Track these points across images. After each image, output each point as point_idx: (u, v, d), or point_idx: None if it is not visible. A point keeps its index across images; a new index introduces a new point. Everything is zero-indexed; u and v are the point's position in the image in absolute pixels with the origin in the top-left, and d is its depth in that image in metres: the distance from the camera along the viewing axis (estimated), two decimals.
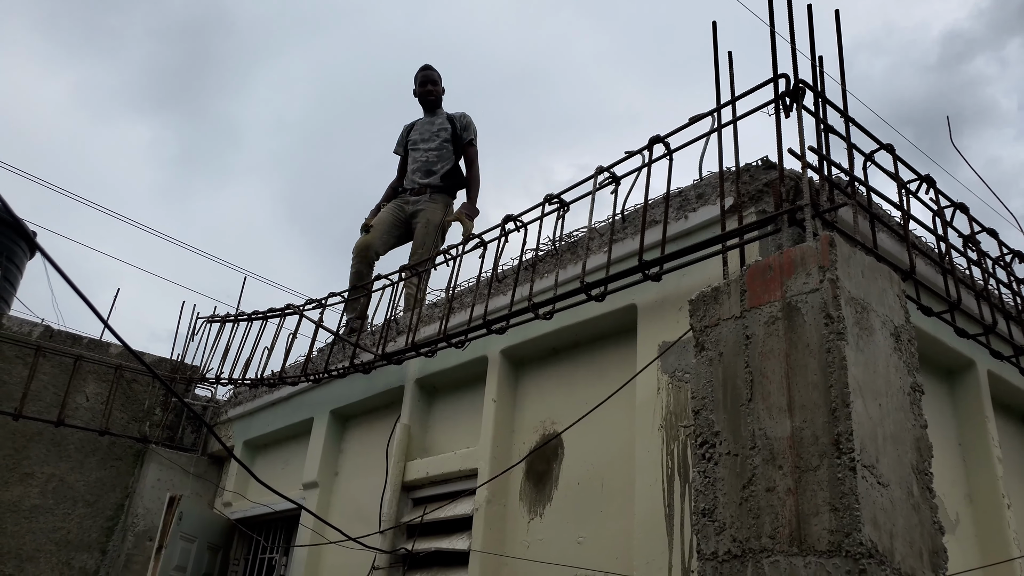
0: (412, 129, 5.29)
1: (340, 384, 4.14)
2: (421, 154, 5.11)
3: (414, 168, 5.11)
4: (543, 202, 2.91)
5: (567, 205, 2.88)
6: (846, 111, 2.29)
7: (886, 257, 2.19)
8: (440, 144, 5.11)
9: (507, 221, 3.05)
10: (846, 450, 1.58)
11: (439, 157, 5.09)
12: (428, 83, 5.23)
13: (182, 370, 5.62)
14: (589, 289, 2.53)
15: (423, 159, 5.09)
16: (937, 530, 1.72)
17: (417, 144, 5.17)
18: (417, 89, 5.28)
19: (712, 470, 1.83)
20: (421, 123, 5.28)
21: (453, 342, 3.13)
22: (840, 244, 1.76)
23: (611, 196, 2.72)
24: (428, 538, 3.26)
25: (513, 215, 3.05)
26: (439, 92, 5.28)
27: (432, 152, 5.09)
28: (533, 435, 3.02)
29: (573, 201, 2.87)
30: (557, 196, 2.87)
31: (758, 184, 2.33)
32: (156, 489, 5.05)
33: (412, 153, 5.17)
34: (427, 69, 5.27)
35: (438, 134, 5.15)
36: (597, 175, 2.71)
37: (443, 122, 5.19)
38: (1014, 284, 2.97)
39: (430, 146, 5.11)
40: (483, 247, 3.16)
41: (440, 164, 5.07)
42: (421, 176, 5.06)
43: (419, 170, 5.08)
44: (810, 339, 1.71)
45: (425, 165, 5.07)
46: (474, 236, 3.20)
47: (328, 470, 4.12)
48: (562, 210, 2.89)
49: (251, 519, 4.66)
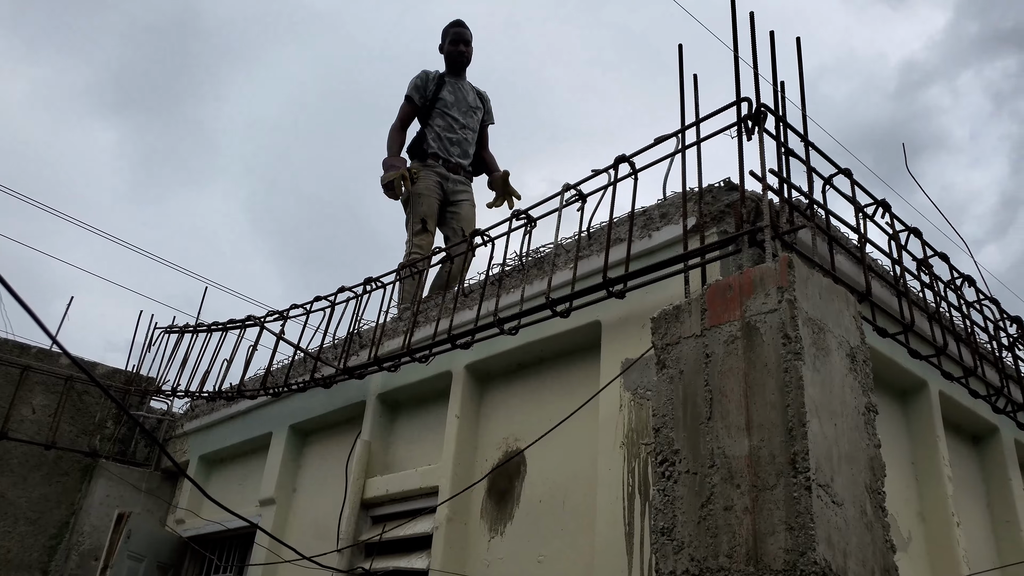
0: (443, 86, 4.76)
1: (300, 398, 4.08)
2: (459, 127, 4.70)
3: (450, 139, 4.66)
4: (510, 217, 2.92)
5: (534, 221, 2.89)
6: (806, 135, 2.34)
7: (843, 279, 2.23)
8: (476, 123, 4.81)
9: (474, 236, 3.05)
10: (802, 469, 1.60)
11: (474, 139, 4.79)
12: (461, 42, 4.79)
13: (137, 382, 5.48)
14: (554, 305, 2.54)
15: (461, 136, 4.70)
16: (889, 548, 1.75)
17: (450, 109, 4.71)
18: (447, 46, 4.81)
19: (671, 488, 1.83)
20: (452, 84, 4.79)
21: (417, 356, 3.10)
22: (798, 265, 1.80)
23: (577, 213, 2.74)
24: (387, 557, 3.21)
25: (480, 229, 3.05)
26: (470, 54, 4.84)
27: (469, 132, 4.76)
28: (496, 452, 3.00)
29: (540, 217, 2.88)
30: (524, 212, 2.88)
31: (720, 205, 2.37)
32: (104, 506, 4.90)
33: (444, 116, 4.69)
34: (460, 26, 4.82)
35: (475, 111, 4.82)
36: (564, 192, 2.73)
37: (475, 98, 4.85)
38: (964, 307, 3.05)
39: (467, 122, 4.75)
40: (449, 261, 3.15)
41: (472, 147, 4.78)
42: (460, 155, 4.68)
43: (457, 145, 4.68)
44: (768, 359, 1.73)
45: (464, 144, 4.71)
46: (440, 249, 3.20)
47: (286, 486, 4.04)
48: (529, 226, 2.90)
49: (205, 537, 4.54)
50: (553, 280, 2.68)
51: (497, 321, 2.71)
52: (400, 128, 4.68)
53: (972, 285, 3.12)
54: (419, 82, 4.74)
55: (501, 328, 2.71)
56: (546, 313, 2.58)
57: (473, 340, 2.87)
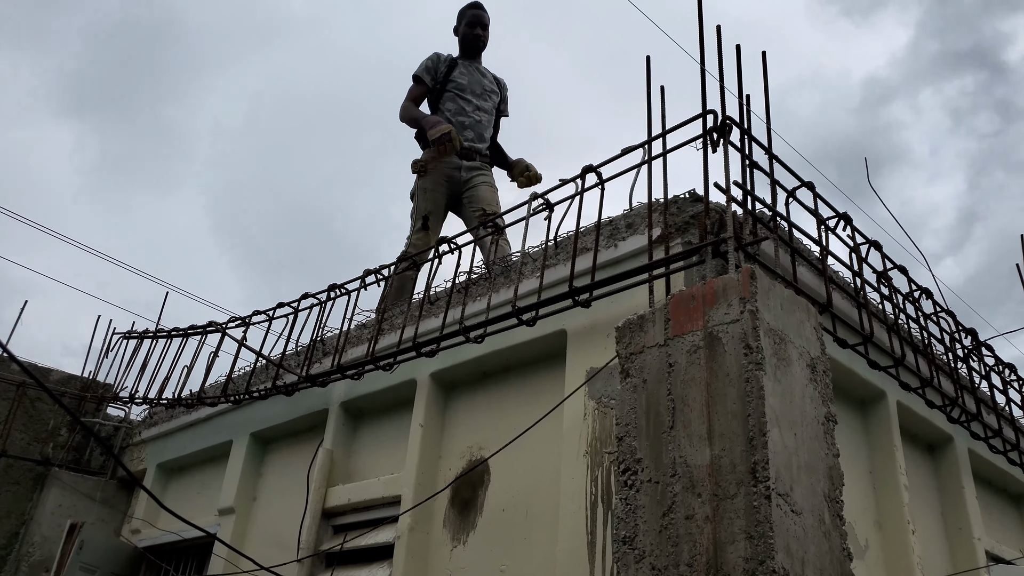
0: (455, 67, 4.51)
1: (261, 406, 4.01)
2: (473, 110, 4.44)
3: (463, 122, 4.38)
4: (478, 226, 2.92)
5: (501, 230, 2.88)
6: (770, 148, 2.37)
7: (805, 290, 2.27)
8: (491, 107, 4.54)
9: (441, 243, 3.04)
10: (762, 478, 1.61)
11: (489, 123, 4.51)
12: (479, 25, 4.55)
13: (93, 388, 5.35)
14: (520, 314, 2.54)
15: (476, 118, 4.43)
16: (846, 556, 1.77)
17: (465, 92, 4.45)
18: (463, 28, 4.57)
19: (633, 497, 1.84)
20: (466, 67, 4.54)
21: (381, 365, 3.07)
22: (761, 277, 1.82)
23: (545, 222, 2.74)
24: (348, 567, 3.17)
25: (448, 237, 3.04)
26: (487, 39, 4.59)
27: (484, 114, 4.48)
28: (460, 461, 2.98)
29: (508, 226, 2.88)
30: (491, 220, 2.87)
31: (685, 216, 2.39)
32: (56, 516, 4.75)
33: (457, 99, 4.43)
34: (478, 8, 4.57)
35: (490, 95, 4.55)
36: (531, 201, 2.73)
37: (491, 82, 4.60)
38: (922, 319, 3.12)
39: (483, 105, 4.49)
40: (416, 268, 3.13)
41: (488, 131, 4.50)
42: (474, 139, 4.40)
43: (470, 129, 4.39)
44: (730, 368, 1.74)
45: (478, 127, 4.42)
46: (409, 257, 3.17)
47: (246, 495, 3.97)
48: (496, 235, 2.89)
49: (161, 547, 4.43)
50: (520, 289, 2.67)
51: (463, 329, 2.70)
52: (413, 104, 4.40)
53: (930, 297, 3.19)
54: (429, 63, 4.49)
55: (467, 336, 2.70)
56: (512, 321, 2.57)
57: (439, 348, 2.86)
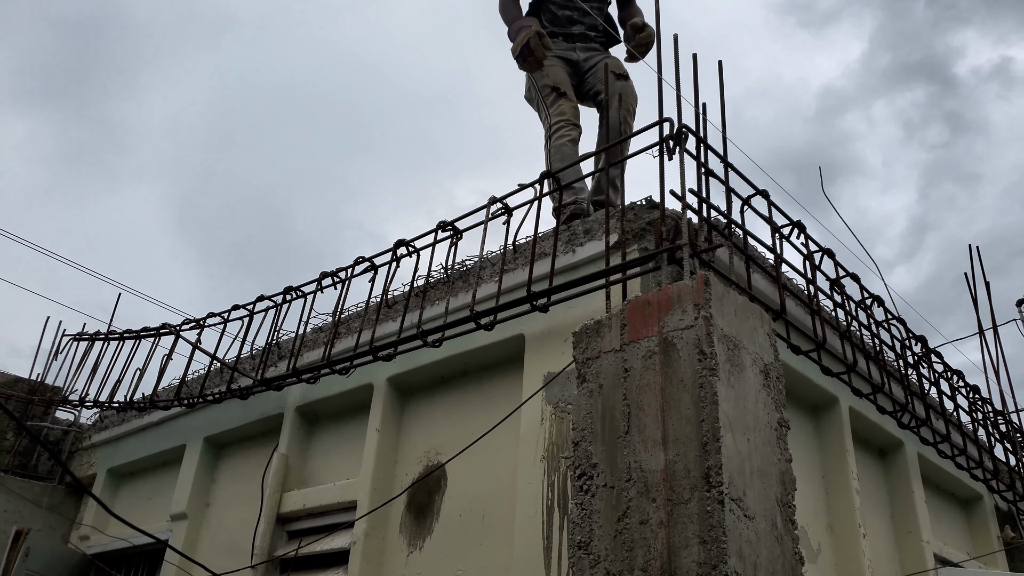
0: None
1: (215, 410, 3.94)
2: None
3: (568, 16, 3.95)
4: (436, 229, 2.90)
5: (460, 233, 2.87)
6: (726, 156, 2.40)
7: (759, 297, 2.29)
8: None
9: (399, 246, 3.01)
10: (715, 483, 1.62)
11: (605, 5, 4.04)
12: None
13: (41, 391, 5.20)
14: (479, 318, 2.52)
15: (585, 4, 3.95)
16: (798, 560, 1.79)
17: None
18: None
19: (589, 502, 1.84)
20: None
21: (337, 369, 3.04)
22: (715, 283, 1.83)
23: (503, 227, 2.74)
24: (303, 573, 3.12)
25: (405, 240, 3.01)
26: None
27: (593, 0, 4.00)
28: (416, 466, 2.96)
29: (466, 229, 2.87)
30: (450, 223, 2.86)
31: (642, 223, 2.40)
32: (2, 522, 4.59)
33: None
34: None
35: None
36: (490, 205, 2.72)
37: None
38: (873, 326, 3.18)
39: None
40: (373, 271, 3.10)
41: (604, 13, 4.02)
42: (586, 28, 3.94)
43: (579, 23, 3.95)
44: (684, 374, 1.75)
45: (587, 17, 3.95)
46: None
47: (199, 500, 3.89)
48: (455, 238, 2.88)
49: (111, 554, 4.32)
50: (478, 293, 2.66)
51: (421, 333, 2.68)
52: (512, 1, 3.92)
53: (881, 305, 3.26)
54: None
55: (425, 340, 2.68)
56: (470, 325, 2.56)
57: (396, 352, 2.83)
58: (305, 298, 3.39)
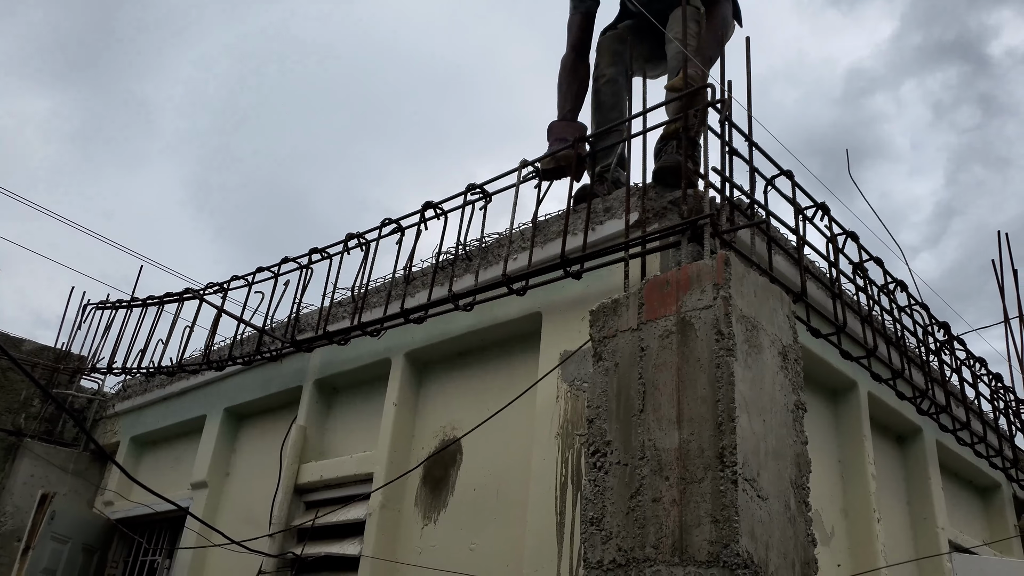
0: None
1: (235, 381, 3.99)
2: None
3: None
4: (465, 191, 2.88)
5: (489, 196, 2.87)
6: (751, 135, 2.37)
7: (779, 279, 2.27)
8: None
9: (427, 207, 2.99)
10: (729, 463, 1.62)
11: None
12: None
13: (67, 360, 5.29)
14: (511, 283, 2.53)
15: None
16: (810, 542, 1.79)
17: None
18: None
19: (602, 479, 1.84)
20: None
21: (369, 331, 3.06)
22: (735, 263, 1.82)
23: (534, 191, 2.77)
24: (319, 543, 3.17)
25: (433, 202, 2.98)
26: None
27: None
28: (432, 440, 2.98)
29: (495, 193, 2.87)
30: (479, 186, 2.86)
31: (663, 202, 2.38)
32: (28, 486, 4.72)
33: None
34: None
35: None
36: (521, 168, 2.74)
37: None
38: (895, 311, 3.14)
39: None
40: (400, 232, 3.11)
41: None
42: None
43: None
44: (701, 354, 1.75)
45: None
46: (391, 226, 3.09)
47: (219, 470, 3.96)
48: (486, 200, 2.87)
49: (133, 519, 4.42)
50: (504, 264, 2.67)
51: (452, 296, 2.69)
52: (573, 63, 3.26)
53: (904, 290, 3.22)
54: None
55: (456, 304, 2.70)
56: (502, 290, 2.57)
57: (427, 315, 2.85)
58: (331, 259, 3.41)
